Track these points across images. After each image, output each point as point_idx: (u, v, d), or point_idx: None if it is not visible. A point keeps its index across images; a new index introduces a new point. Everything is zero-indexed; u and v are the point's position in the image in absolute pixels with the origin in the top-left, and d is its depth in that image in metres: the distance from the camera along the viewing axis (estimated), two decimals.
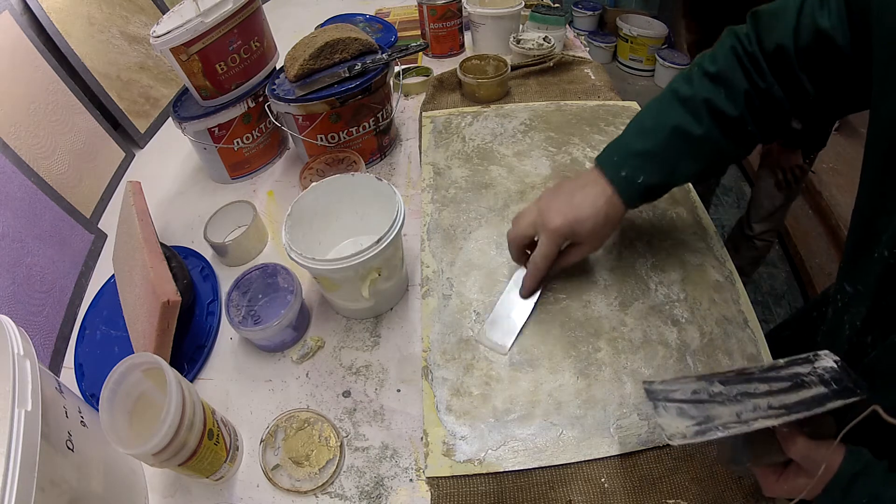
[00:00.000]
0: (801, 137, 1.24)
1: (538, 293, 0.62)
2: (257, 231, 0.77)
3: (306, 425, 0.55)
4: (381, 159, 0.91)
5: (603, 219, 0.54)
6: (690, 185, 0.77)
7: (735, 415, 0.40)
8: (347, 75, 0.78)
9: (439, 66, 1.11)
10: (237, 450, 0.55)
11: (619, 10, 2.94)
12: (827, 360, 0.41)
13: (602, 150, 0.58)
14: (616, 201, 0.55)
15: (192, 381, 0.63)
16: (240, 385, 0.62)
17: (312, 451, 0.54)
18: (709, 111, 0.51)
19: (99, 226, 0.85)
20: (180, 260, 0.70)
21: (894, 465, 0.38)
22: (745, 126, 0.51)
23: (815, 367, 0.40)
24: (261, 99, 0.85)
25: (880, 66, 0.40)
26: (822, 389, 0.39)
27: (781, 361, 0.42)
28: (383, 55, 0.82)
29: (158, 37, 0.73)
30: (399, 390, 0.60)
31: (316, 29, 0.91)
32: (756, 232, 1.50)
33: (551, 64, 1.04)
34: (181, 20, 0.73)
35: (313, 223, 0.66)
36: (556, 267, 0.60)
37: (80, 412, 0.48)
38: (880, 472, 0.38)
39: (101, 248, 0.83)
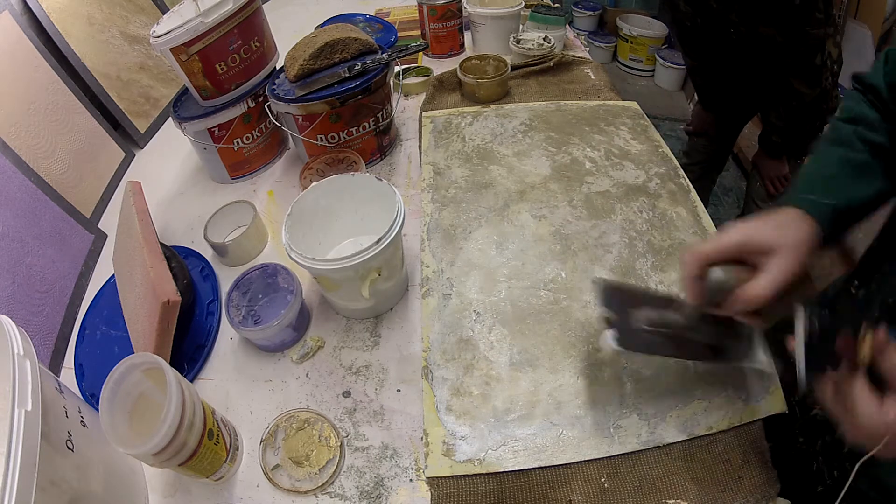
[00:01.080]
0: (783, 147, 1.25)
1: None
2: (257, 231, 0.77)
3: (306, 425, 0.55)
4: (381, 159, 0.91)
5: (796, 233, 0.46)
6: (690, 185, 0.77)
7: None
8: (347, 75, 0.78)
9: (439, 66, 1.11)
10: (237, 450, 0.55)
11: (619, 10, 2.94)
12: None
13: (779, 200, 0.51)
14: (808, 223, 0.47)
15: (192, 381, 0.63)
16: (240, 385, 0.62)
17: (312, 451, 0.54)
18: (860, 140, 0.50)
19: (99, 226, 0.85)
20: (180, 260, 0.70)
21: None
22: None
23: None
24: (261, 99, 0.85)
25: None
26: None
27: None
28: (383, 55, 0.82)
29: (158, 37, 0.73)
30: (399, 390, 0.60)
31: (316, 29, 0.91)
32: None
33: (551, 64, 1.04)
34: (181, 20, 0.73)
35: (313, 223, 0.66)
36: (741, 300, 0.47)
37: (80, 412, 0.48)
38: None
39: (101, 248, 0.83)
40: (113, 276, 0.74)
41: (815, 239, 0.47)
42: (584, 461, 0.52)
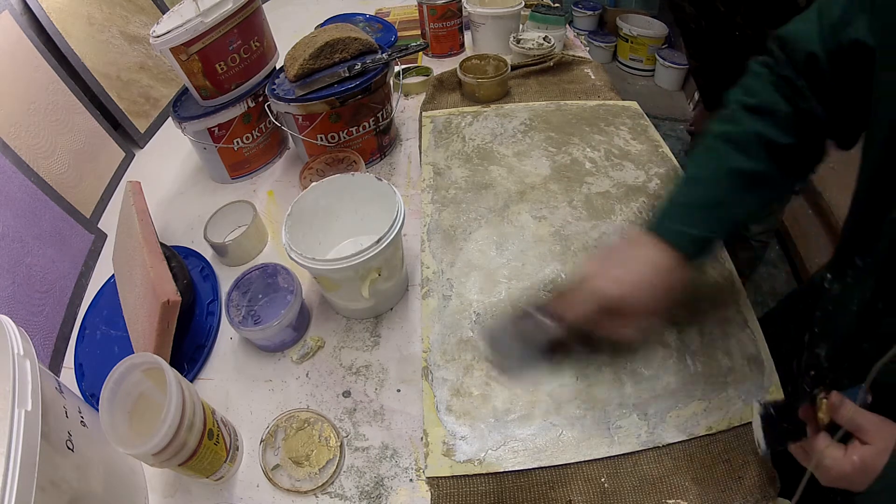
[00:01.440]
0: None
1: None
2: (257, 231, 0.77)
3: (306, 425, 0.55)
4: (381, 159, 0.91)
5: (654, 280, 0.46)
6: None
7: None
8: (347, 75, 0.78)
9: (439, 66, 1.11)
10: (237, 450, 0.55)
11: (619, 10, 2.94)
12: None
13: (651, 216, 0.50)
14: (675, 264, 0.47)
15: (192, 381, 0.63)
16: (240, 385, 0.62)
17: (312, 451, 0.54)
18: (761, 145, 0.48)
19: (99, 226, 0.85)
20: (180, 260, 0.70)
21: None
22: (798, 153, 0.49)
23: None
24: (261, 99, 0.85)
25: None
26: None
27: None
28: (383, 55, 0.82)
29: (158, 37, 0.73)
30: (399, 390, 0.60)
31: (316, 29, 0.91)
32: (752, 233, 1.50)
33: (551, 64, 1.04)
34: (181, 20, 0.73)
35: (313, 223, 0.66)
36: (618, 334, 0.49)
37: (80, 412, 0.48)
38: None
39: (101, 248, 0.83)
40: (113, 276, 0.74)
41: (683, 275, 0.47)
42: (584, 461, 0.52)
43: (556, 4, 1.21)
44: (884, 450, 0.38)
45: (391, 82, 0.88)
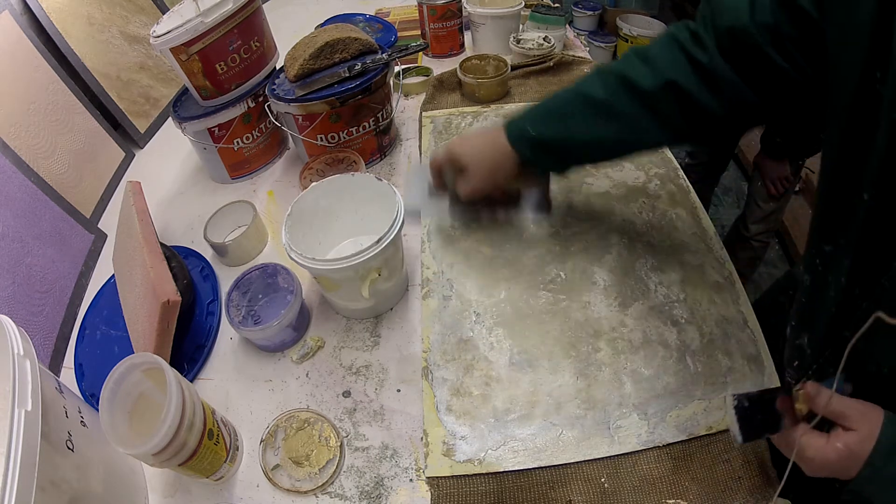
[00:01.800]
0: (785, 149, 1.25)
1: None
2: (257, 231, 0.77)
3: (306, 425, 0.55)
4: (381, 159, 0.91)
5: (482, 146, 0.61)
6: (690, 185, 0.77)
7: None
8: (347, 75, 0.78)
9: (439, 66, 1.11)
10: (237, 450, 0.55)
11: (619, 10, 2.94)
12: None
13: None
14: (504, 143, 0.60)
15: (192, 381, 0.63)
16: (240, 385, 0.62)
17: (312, 451, 0.54)
18: (618, 80, 0.52)
19: (99, 226, 0.85)
20: (180, 260, 0.70)
21: None
22: (666, 103, 0.51)
23: None
24: (261, 99, 0.85)
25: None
26: None
27: None
28: (383, 55, 0.82)
29: (158, 37, 0.73)
30: (399, 390, 0.60)
31: (316, 29, 0.91)
32: (752, 233, 1.50)
33: (551, 64, 1.04)
34: (181, 20, 0.73)
35: (313, 223, 0.66)
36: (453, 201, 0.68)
37: (80, 412, 0.48)
38: None
39: (101, 248, 0.83)
40: (113, 276, 0.74)
41: (512, 163, 0.60)
42: (584, 461, 0.52)
43: (556, 4, 1.21)
44: (868, 435, 0.38)
45: (391, 82, 0.88)
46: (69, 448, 0.44)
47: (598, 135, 0.54)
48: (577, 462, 0.52)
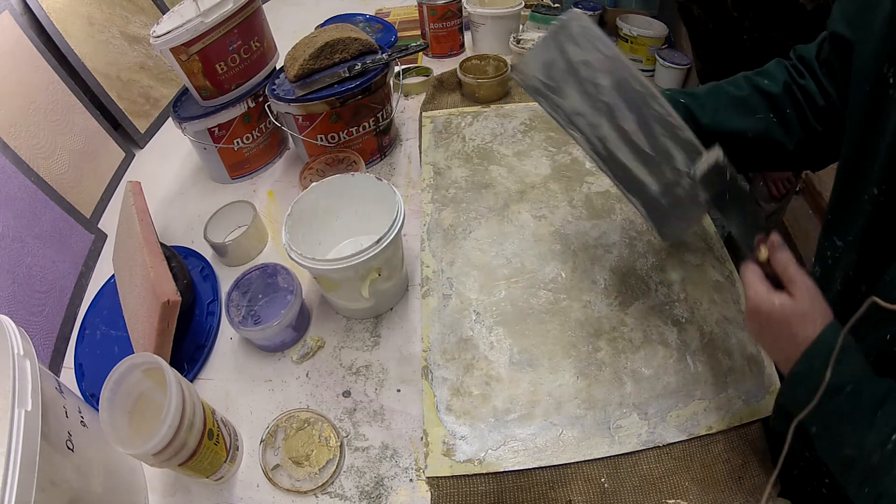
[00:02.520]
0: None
1: None
2: (257, 231, 0.77)
3: (306, 425, 0.55)
4: (381, 159, 0.91)
5: None
6: None
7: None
8: (347, 75, 0.78)
9: (439, 66, 1.11)
10: (237, 450, 0.55)
11: (619, 10, 2.93)
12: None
13: None
14: None
15: (192, 381, 0.63)
16: (240, 385, 0.62)
17: (312, 451, 0.54)
18: (749, 83, 0.54)
19: (99, 226, 0.85)
20: (180, 260, 0.70)
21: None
22: (786, 109, 0.53)
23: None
24: (261, 99, 0.85)
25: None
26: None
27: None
28: (383, 55, 0.82)
29: (158, 37, 0.73)
30: (399, 390, 0.60)
31: (316, 29, 0.91)
32: None
33: None
34: (181, 20, 0.73)
35: (313, 223, 0.66)
36: None
37: (80, 412, 0.48)
38: (860, 357, 0.38)
39: (101, 248, 0.83)
40: (113, 276, 0.74)
41: None
42: (584, 461, 0.52)
43: (556, 4, 1.22)
44: (803, 314, 0.40)
45: (391, 82, 0.88)
46: (69, 448, 0.44)
47: (741, 126, 0.55)
48: (577, 462, 0.52)
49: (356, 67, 0.79)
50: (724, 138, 0.54)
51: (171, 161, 0.98)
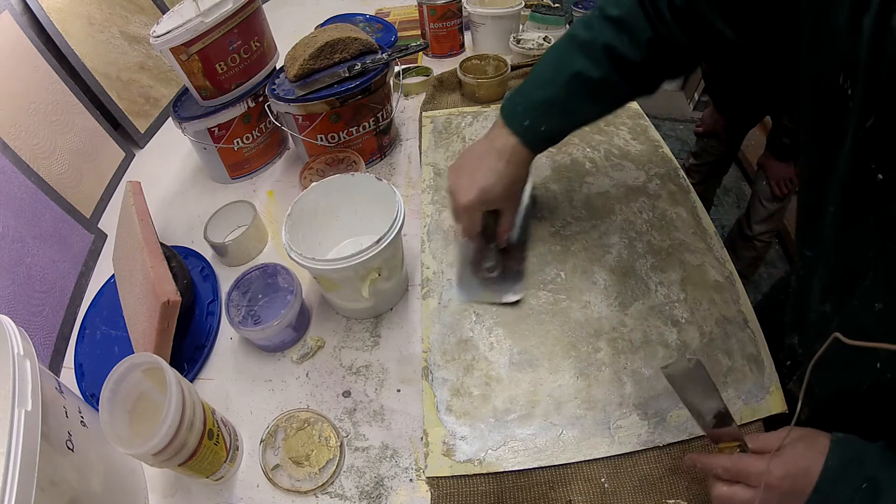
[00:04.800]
0: (791, 150, 1.26)
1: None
2: (257, 231, 0.77)
3: (306, 425, 0.55)
4: (381, 159, 0.91)
5: (508, 179, 0.57)
6: (690, 185, 0.77)
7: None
8: (347, 75, 0.78)
9: (439, 66, 1.11)
10: (237, 450, 0.55)
11: None
12: None
13: (504, 101, 0.59)
14: (521, 150, 0.57)
15: (192, 381, 0.63)
16: (240, 385, 0.62)
17: (312, 451, 0.54)
18: (609, 57, 0.52)
19: (99, 226, 0.85)
20: (180, 260, 0.70)
21: (891, 441, 0.37)
22: (648, 71, 0.53)
23: None
24: (261, 99, 0.85)
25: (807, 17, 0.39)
26: None
27: None
28: (383, 55, 0.82)
29: (158, 37, 0.73)
30: (399, 390, 0.60)
31: (316, 29, 0.91)
32: (755, 233, 1.50)
33: None
34: (181, 20, 0.73)
35: (313, 223, 0.66)
36: (500, 239, 0.64)
37: (80, 412, 0.48)
38: (875, 455, 0.37)
39: (101, 248, 0.83)
40: (113, 276, 0.74)
41: (528, 156, 0.58)
42: (584, 461, 0.52)
43: (556, 4, 1.22)
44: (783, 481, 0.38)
45: (391, 82, 0.88)
46: (69, 448, 0.44)
47: (597, 112, 0.57)
48: (577, 462, 0.52)
49: (356, 67, 0.79)
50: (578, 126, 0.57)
51: (171, 161, 0.98)
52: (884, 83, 0.31)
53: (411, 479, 0.53)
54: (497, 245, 0.65)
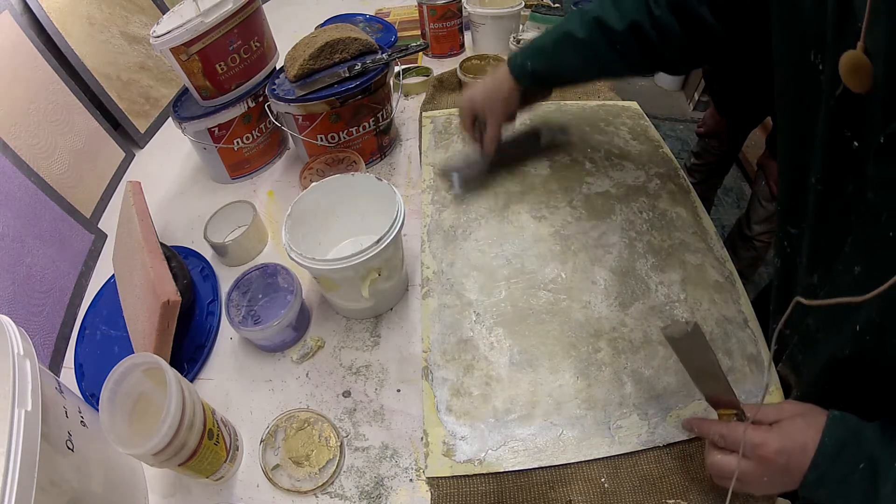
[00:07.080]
0: None
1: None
2: (257, 231, 0.77)
3: (306, 425, 0.55)
4: (381, 159, 0.91)
5: (488, 90, 0.72)
6: (690, 185, 0.77)
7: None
8: (347, 75, 0.78)
9: (439, 66, 1.11)
10: (237, 450, 0.55)
11: None
12: None
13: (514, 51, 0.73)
14: (507, 77, 0.71)
15: (192, 381, 0.63)
16: (240, 385, 0.62)
17: (312, 451, 0.54)
18: (596, 22, 0.62)
19: (99, 226, 0.85)
20: (180, 260, 0.70)
21: (887, 422, 0.38)
22: (631, 42, 0.61)
23: None
24: (261, 99, 0.85)
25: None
26: None
27: None
28: (383, 55, 0.82)
29: (158, 37, 0.73)
30: (399, 390, 0.60)
31: (316, 29, 0.91)
32: (755, 233, 1.50)
33: None
34: (181, 20, 0.73)
35: (313, 223, 0.66)
36: (485, 146, 0.76)
37: (80, 412, 0.48)
38: (872, 433, 0.37)
39: (101, 248, 0.83)
40: (113, 276, 0.74)
41: (517, 94, 0.71)
42: (584, 461, 0.52)
43: (556, 4, 1.22)
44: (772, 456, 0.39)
45: (391, 82, 0.88)
46: (69, 448, 0.44)
47: (577, 66, 0.68)
48: (577, 462, 0.52)
49: (356, 67, 0.79)
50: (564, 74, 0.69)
51: (171, 161, 0.98)
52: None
53: (411, 479, 0.53)
54: (484, 152, 0.76)
